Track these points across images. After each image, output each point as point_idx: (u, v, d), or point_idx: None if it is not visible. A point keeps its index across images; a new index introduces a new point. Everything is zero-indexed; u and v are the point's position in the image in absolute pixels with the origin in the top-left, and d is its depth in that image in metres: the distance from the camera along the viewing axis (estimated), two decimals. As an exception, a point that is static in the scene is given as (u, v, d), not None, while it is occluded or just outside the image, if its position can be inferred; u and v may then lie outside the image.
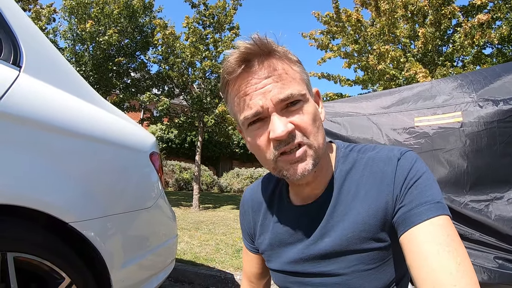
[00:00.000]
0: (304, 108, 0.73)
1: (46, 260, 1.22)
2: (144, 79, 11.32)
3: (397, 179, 0.76)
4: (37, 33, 1.44)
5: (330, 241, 0.81)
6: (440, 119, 1.76)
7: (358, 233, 0.78)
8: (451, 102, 1.78)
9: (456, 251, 0.65)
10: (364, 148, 0.86)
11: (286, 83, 0.71)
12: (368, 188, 0.79)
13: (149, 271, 1.77)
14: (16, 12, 1.35)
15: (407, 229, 0.71)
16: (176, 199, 11.88)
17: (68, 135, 1.33)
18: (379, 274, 0.79)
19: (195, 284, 3.30)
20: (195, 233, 5.61)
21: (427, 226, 0.68)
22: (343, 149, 0.88)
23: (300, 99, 0.72)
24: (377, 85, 8.04)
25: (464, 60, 6.72)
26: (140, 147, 1.78)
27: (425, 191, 0.73)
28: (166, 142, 22.74)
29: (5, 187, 1.07)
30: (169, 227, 2.04)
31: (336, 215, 0.81)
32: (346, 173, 0.83)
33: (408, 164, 0.77)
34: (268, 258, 0.96)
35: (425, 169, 0.77)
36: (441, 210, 0.70)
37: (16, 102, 1.14)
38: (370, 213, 0.77)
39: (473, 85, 1.77)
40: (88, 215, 1.33)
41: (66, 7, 9.93)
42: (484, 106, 1.68)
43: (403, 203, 0.74)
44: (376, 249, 0.78)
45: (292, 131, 0.71)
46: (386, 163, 0.79)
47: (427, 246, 0.66)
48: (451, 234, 0.68)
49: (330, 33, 8.52)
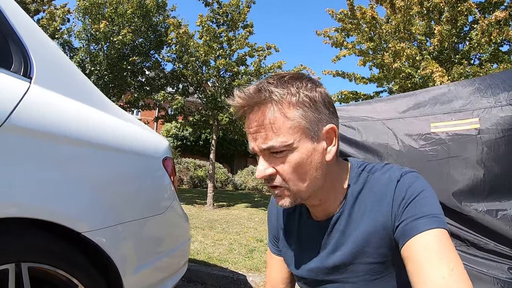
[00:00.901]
0: (287, 158, 0.78)
1: (59, 268, 1.24)
2: (159, 78, 11.41)
3: (395, 199, 0.82)
4: (47, 41, 1.44)
5: (340, 254, 0.91)
6: (457, 125, 1.71)
7: (362, 248, 0.87)
8: (468, 107, 1.74)
9: (449, 258, 0.70)
10: (375, 168, 0.91)
11: (270, 134, 0.77)
12: (370, 208, 0.87)
13: (162, 274, 1.78)
14: (26, 22, 1.35)
15: (405, 241, 0.77)
16: (190, 197, 11.97)
17: (80, 145, 1.33)
18: (384, 282, 0.88)
19: (208, 284, 3.32)
20: (208, 232, 5.64)
21: (423, 237, 0.74)
22: (356, 169, 0.93)
23: (283, 149, 0.77)
24: (393, 83, 7.94)
25: (481, 58, 6.58)
26: (152, 153, 1.79)
27: (422, 207, 0.79)
28: (181, 140, 22.93)
29: (17, 200, 1.09)
30: (182, 231, 2.05)
31: (348, 232, 0.90)
32: (357, 193, 0.89)
33: (407, 185, 0.83)
34: (288, 263, 1.07)
35: (424, 188, 0.82)
36: (437, 224, 0.76)
37: (27, 115, 1.15)
38: (372, 231, 0.85)
39: (491, 89, 1.72)
40: (101, 223, 1.34)
41: (80, 7, 10.09)
42: (503, 111, 1.63)
43: (401, 219, 0.80)
44: (379, 263, 0.86)
45: (271, 174, 0.80)
46: (387, 184, 0.85)
47: (422, 255, 0.72)
48: (446, 244, 0.73)
49: (344, 31, 8.44)
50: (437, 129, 1.78)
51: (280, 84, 0.78)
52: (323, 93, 0.82)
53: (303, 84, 0.79)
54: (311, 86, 0.80)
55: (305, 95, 0.78)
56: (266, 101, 0.77)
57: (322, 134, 0.81)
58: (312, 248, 0.97)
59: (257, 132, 0.78)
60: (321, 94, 0.81)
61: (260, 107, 0.77)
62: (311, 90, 0.79)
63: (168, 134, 23.04)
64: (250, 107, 0.78)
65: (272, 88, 0.77)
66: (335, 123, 0.83)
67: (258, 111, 0.77)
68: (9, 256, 1.11)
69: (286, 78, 0.80)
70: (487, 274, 1.54)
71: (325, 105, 0.81)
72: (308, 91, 0.79)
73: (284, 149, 0.77)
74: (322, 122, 0.80)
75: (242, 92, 0.78)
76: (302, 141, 0.78)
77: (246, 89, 0.78)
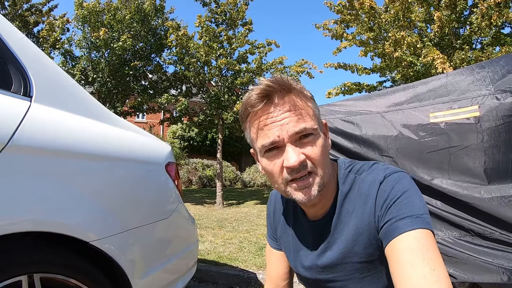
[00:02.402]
0: (315, 141, 0.82)
1: (69, 277, 1.27)
2: (161, 81, 11.46)
3: (378, 201, 0.85)
4: (43, 58, 1.46)
5: (331, 254, 0.95)
6: (456, 114, 1.71)
7: (350, 248, 0.90)
8: (467, 95, 1.73)
9: (431, 259, 0.70)
10: (362, 169, 0.94)
11: (301, 117, 0.81)
12: (357, 209, 0.90)
13: (172, 276, 1.81)
14: (22, 42, 1.38)
15: (388, 242, 0.78)
16: (200, 197, 12.04)
17: (82, 158, 1.36)
18: (374, 279, 0.92)
19: (219, 284, 3.36)
20: (218, 231, 5.68)
21: (405, 237, 0.75)
22: (343, 170, 0.96)
23: (312, 132, 0.82)
24: (395, 72, 7.89)
25: (483, 42, 6.50)
26: (155, 159, 1.82)
27: (405, 208, 0.80)
28: (188, 141, 23.01)
29: (25, 216, 1.12)
30: (188, 233, 2.08)
31: (337, 232, 0.93)
32: (345, 194, 0.93)
33: (389, 186, 0.85)
34: (288, 259, 1.12)
35: (407, 188, 0.84)
36: (420, 224, 0.76)
37: (30, 133, 1.18)
38: (358, 232, 0.89)
39: (490, 76, 1.72)
40: (107, 232, 1.37)
41: (79, 16, 10.14)
42: (502, 98, 1.63)
43: (384, 220, 0.82)
44: (367, 262, 0.90)
45: (303, 160, 0.80)
46: (370, 186, 0.88)
47: (403, 255, 0.73)
48: (427, 244, 0.73)
49: (344, 22, 8.40)
50: (436, 119, 1.78)
51: (293, 81, 0.85)
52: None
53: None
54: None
55: (310, 93, 0.88)
56: (291, 90, 0.83)
57: (323, 127, 0.90)
58: (306, 247, 1.02)
59: (288, 117, 0.80)
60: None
61: (287, 94, 0.82)
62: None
63: (175, 135, 23.14)
64: (277, 93, 0.81)
65: (291, 81, 0.84)
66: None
67: (287, 97, 0.82)
68: (22, 268, 1.14)
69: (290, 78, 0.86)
70: (492, 264, 1.54)
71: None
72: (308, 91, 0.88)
73: (313, 132, 0.82)
74: (320, 116, 0.90)
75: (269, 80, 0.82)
76: (318, 129, 0.84)
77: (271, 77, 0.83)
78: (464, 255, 1.60)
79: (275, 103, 0.81)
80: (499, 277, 1.48)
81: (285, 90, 0.82)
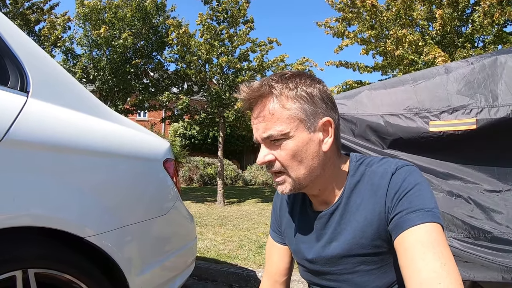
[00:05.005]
0: (284, 145, 0.86)
1: (64, 273, 1.27)
2: (163, 79, 11.46)
3: (389, 192, 0.85)
4: (41, 54, 1.46)
5: (336, 245, 0.94)
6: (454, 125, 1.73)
7: (358, 240, 0.90)
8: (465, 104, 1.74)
9: (442, 254, 0.71)
10: (372, 162, 0.95)
11: (269, 124, 0.85)
12: (366, 200, 0.89)
13: (170, 273, 1.81)
14: (19, 37, 1.38)
15: (398, 234, 0.79)
16: (201, 195, 12.05)
17: (79, 153, 1.36)
18: (380, 273, 0.91)
19: (218, 281, 3.36)
20: (219, 229, 5.68)
21: (415, 231, 0.76)
22: (354, 162, 0.96)
23: (281, 137, 0.85)
24: (397, 70, 7.86)
25: (485, 40, 6.46)
26: (153, 156, 1.81)
27: (416, 201, 0.80)
28: (189, 139, 23.02)
29: (21, 211, 1.12)
30: (187, 231, 2.08)
31: (343, 223, 0.93)
32: (354, 185, 0.93)
33: (401, 178, 0.85)
34: (293, 251, 1.11)
35: (419, 181, 0.84)
36: (430, 218, 0.77)
37: (26, 128, 1.18)
38: (367, 223, 0.88)
39: (489, 80, 1.74)
40: (104, 228, 1.37)
41: (80, 14, 10.16)
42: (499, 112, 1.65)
43: (395, 212, 0.82)
44: (374, 254, 0.89)
45: (271, 161, 0.88)
46: (382, 177, 0.88)
47: (414, 248, 0.73)
48: (438, 239, 0.74)
49: (345, 20, 8.33)
50: (435, 128, 1.80)
51: (281, 80, 0.86)
52: (321, 89, 0.89)
53: (302, 81, 0.87)
54: (309, 82, 0.87)
55: (303, 90, 0.86)
56: (267, 95, 0.86)
57: (319, 126, 0.88)
58: (312, 238, 1.01)
59: (259, 123, 0.87)
60: (319, 90, 0.88)
61: (262, 100, 0.86)
62: (309, 86, 0.87)
63: (176, 133, 23.14)
64: (254, 100, 0.87)
65: (273, 83, 0.86)
66: (333, 117, 0.89)
67: (261, 103, 0.86)
68: (17, 263, 1.14)
69: (287, 75, 0.88)
70: (494, 262, 1.54)
71: (322, 100, 0.88)
72: (306, 87, 0.86)
73: (282, 137, 0.85)
74: (318, 115, 0.87)
75: (247, 87, 0.87)
76: (298, 131, 0.85)
77: (251, 84, 0.87)
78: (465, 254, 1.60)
79: (254, 109, 0.89)
80: (500, 275, 1.47)
81: (262, 96, 0.86)
